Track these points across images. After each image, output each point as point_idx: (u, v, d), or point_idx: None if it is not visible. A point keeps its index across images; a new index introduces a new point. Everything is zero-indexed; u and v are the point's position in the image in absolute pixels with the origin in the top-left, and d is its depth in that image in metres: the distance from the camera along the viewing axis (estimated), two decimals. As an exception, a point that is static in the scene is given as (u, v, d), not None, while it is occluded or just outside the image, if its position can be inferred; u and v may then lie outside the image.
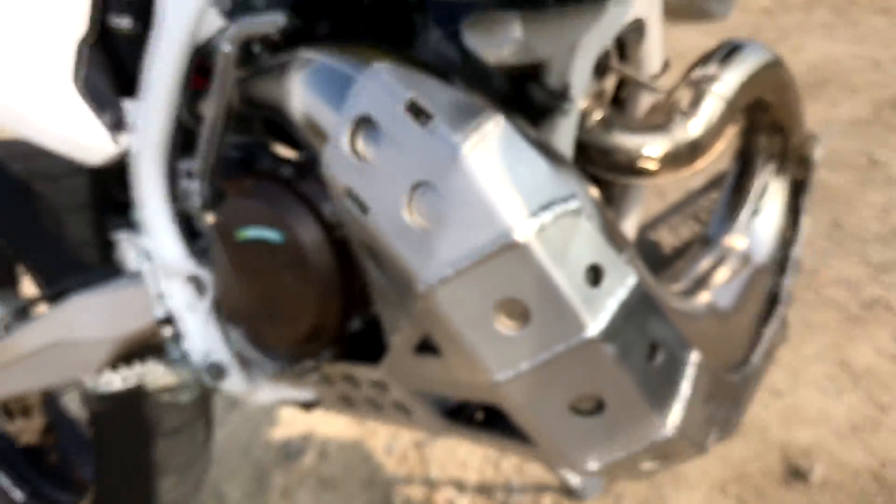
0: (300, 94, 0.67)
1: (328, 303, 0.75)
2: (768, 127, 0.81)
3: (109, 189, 1.03)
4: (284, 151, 0.90)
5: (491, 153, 0.52)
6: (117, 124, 0.90)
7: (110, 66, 0.92)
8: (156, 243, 0.90)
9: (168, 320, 0.93)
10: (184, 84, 0.83)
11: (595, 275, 0.53)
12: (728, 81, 0.73)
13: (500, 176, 0.51)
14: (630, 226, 0.80)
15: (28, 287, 1.33)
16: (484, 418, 0.78)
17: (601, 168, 0.70)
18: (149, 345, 1.08)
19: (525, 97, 0.63)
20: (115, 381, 0.87)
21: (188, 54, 0.81)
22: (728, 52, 0.76)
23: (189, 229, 0.91)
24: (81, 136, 0.91)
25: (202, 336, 0.90)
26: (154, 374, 0.87)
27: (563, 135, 0.64)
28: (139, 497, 1.25)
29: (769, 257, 0.80)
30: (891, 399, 1.39)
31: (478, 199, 0.51)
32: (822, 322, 1.63)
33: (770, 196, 0.81)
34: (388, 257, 0.57)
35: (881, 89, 2.51)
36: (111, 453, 1.22)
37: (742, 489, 1.28)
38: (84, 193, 1.21)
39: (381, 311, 0.65)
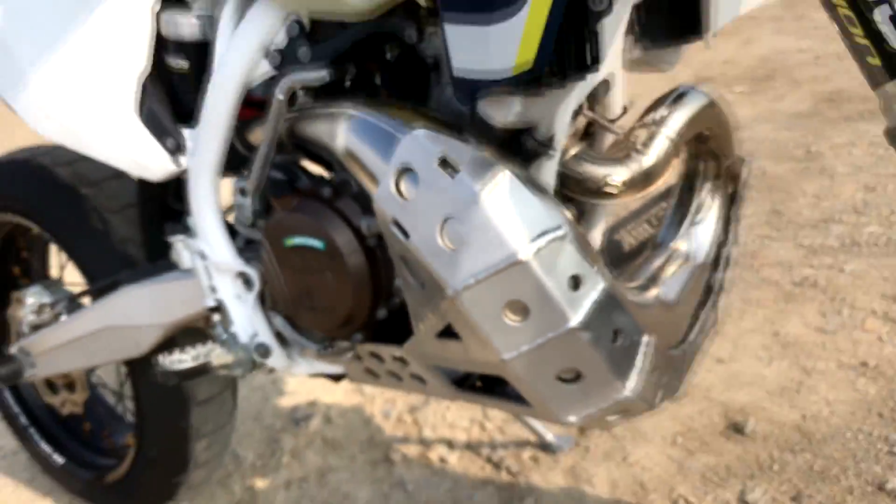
0: (347, 139, 0.86)
1: (360, 297, 0.93)
2: (707, 154, 1.01)
3: (166, 199, 1.20)
4: (311, 166, 1.08)
5: (502, 197, 0.72)
6: (177, 148, 1.07)
7: (167, 98, 1.10)
8: (209, 245, 1.08)
9: (218, 309, 1.11)
10: (234, 116, 1.01)
11: (575, 282, 0.74)
12: (674, 123, 0.93)
13: (508, 213, 0.71)
14: (597, 233, 1.00)
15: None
16: (482, 385, 0.98)
17: (575, 192, 0.90)
18: (188, 329, 1.26)
19: (520, 144, 0.83)
20: (187, 359, 1.06)
21: (240, 94, 0.99)
22: (675, 97, 0.95)
23: (230, 230, 1.10)
24: (144, 158, 1.08)
25: (249, 322, 1.08)
26: (216, 354, 1.06)
27: (548, 172, 0.84)
28: (176, 459, 1.41)
29: (706, 257, 1.01)
30: (813, 364, 1.60)
31: (493, 230, 0.71)
32: (759, 299, 1.83)
33: (708, 208, 1.02)
34: (422, 269, 0.76)
35: (820, 84, 2.72)
36: (154, 420, 1.39)
37: (689, 441, 1.47)
38: (123, 196, 1.37)
39: (410, 305, 0.85)
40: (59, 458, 1.61)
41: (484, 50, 0.69)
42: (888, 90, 0.64)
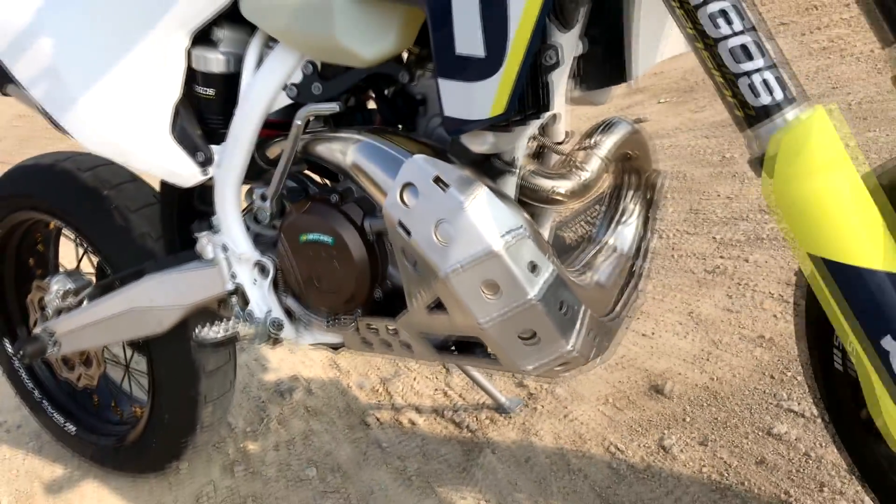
0: (356, 158, 1.10)
1: (362, 281, 1.15)
2: (631, 169, 1.28)
3: (192, 202, 1.41)
4: (315, 176, 1.31)
5: (480, 205, 0.97)
6: (205, 161, 1.29)
7: (196, 119, 1.31)
8: (231, 240, 1.29)
9: (235, 292, 1.33)
10: (256, 136, 1.24)
11: (533, 267, 0.99)
12: (606, 146, 1.19)
13: (484, 217, 0.97)
14: (546, 230, 1.26)
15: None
16: (457, 349, 1.23)
17: (530, 199, 1.13)
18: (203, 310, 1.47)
19: (490, 163, 1.08)
20: (220, 332, 1.28)
21: (262, 119, 1.22)
22: (606, 126, 1.22)
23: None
24: (177, 169, 1.28)
25: (264, 301, 1.30)
26: (241, 327, 1.29)
27: (511, 184, 1.09)
28: (185, 422, 1.60)
29: (630, 249, 1.28)
30: (721, 338, 1.83)
31: (474, 229, 0.96)
32: (678, 284, 2.06)
33: (631, 211, 1.29)
34: (420, 258, 1.01)
35: (737, 94, 3.02)
36: (169, 388, 1.57)
37: (618, 400, 1.71)
38: (140, 198, 1.56)
39: (406, 286, 1.08)
40: (71, 427, 1.79)
41: (468, 101, 0.94)
42: (752, 133, 0.92)
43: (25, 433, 2.00)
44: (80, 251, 1.74)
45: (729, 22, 0.89)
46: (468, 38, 0.92)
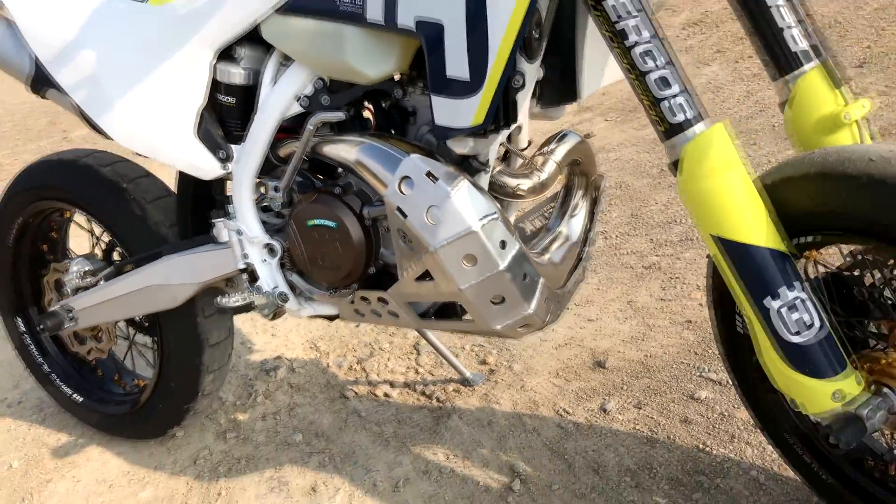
0: (360, 157, 1.34)
1: (359, 259, 1.38)
2: (579, 173, 1.56)
3: (211, 192, 1.64)
4: (315, 174, 1.55)
5: (462, 195, 1.23)
6: (226, 158, 1.52)
7: (218, 123, 1.54)
8: (245, 225, 1.52)
9: (246, 270, 1.56)
10: (272, 138, 1.47)
11: (503, 244, 1.24)
12: (559, 153, 1.45)
13: (466, 204, 1.23)
14: (511, 219, 1.53)
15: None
16: (436, 315, 1.47)
17: (498, 194, 1.38)
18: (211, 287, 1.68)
19: (468, 163, 1.34)
20: (238, 300, 1.51)
21: (277, 125, 1.45)
22: (560, 137, 1.49)
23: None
24: (200, 164, 1.51)
25: (272, 278, 1.53)
26: (255, 297, 1.52)
27: (484, 181, 1.36)
28: (188, 390, 1.80)
29: (578, 237, 1.56)
30: (655, 322, 2.08)
31: (457, 213, 1.22)
32: (619, 278, 2.32)
33: (579, 207, 1.57)
34: (413, 236, 1.26)
35: (674, 114, 3.34)
36: (177, 358, 1.77)
37: (567, 374, 1.95)
38: (154, 190, 1.78)
39: (399, 261, 1.31)
40: (79, 398, 1.98)
41: (455, 113, 1.20)
42: (669, 143, 1.20)
43: (27, 407, 2.16)
44: (94, 238, 1.94)
45: (654, 59, 1.16)
46: (457, 65, 1.18)
